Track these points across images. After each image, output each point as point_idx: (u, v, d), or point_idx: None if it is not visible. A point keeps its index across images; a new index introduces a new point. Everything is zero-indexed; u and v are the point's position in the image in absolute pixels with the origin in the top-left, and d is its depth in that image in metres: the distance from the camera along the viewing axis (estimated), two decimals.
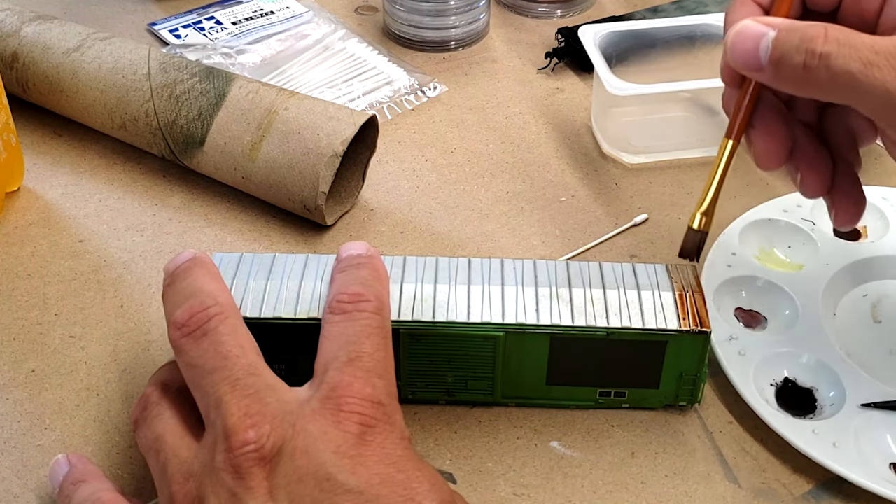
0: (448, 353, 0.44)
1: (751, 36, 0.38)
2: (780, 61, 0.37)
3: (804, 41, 0.36)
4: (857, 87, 0.36)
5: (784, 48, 0.37)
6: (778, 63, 0.37)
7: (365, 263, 0.42)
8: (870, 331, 0.50)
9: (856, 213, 0.43)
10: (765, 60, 0.38)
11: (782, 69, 0.37)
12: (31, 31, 0.62)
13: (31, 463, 0.44)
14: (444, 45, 0.73)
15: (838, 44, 0.36)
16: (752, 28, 0.38)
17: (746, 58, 0.38)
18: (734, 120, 0.42)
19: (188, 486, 0.35)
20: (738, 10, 0.42)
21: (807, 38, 0.36)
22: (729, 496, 0.43)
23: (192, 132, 0.56)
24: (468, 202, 0.59)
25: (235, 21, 0.75)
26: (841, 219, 0.43)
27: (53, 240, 0.56)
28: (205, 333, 0.37)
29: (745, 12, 0.41)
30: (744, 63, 0.38)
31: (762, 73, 0.38)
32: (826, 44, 0.36)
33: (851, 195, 0.43)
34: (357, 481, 0.34)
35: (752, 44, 0.38)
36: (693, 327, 0.43)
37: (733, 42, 0.39)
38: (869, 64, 0.35)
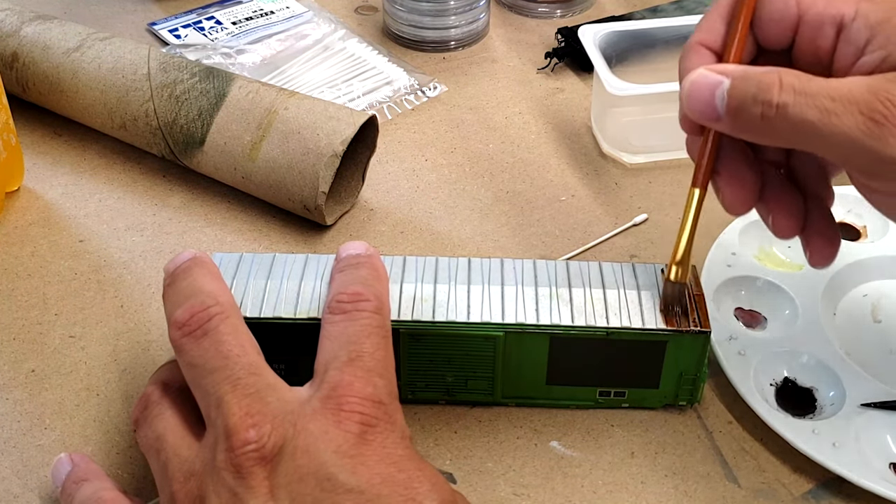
0: (448, 353, 0.44)
1: (705, 86, 0.37)
2: (737, 112, 0.36)
3: (760, 91, 0.35)
4: (817, 135, 0.35)
5: (740, 98, 0.36)
6: (735, 114, 0.36)
7: (364, 263, 0.42)
8: (870, 331, 0.50)
9: (831, 251, 0.42)
10: (722, 111, 0.37)
11: (740, 120, 0.36)
12: (31, 31, 0.62)
13: (31, 463, 0.44)
14: (444, 45, 0.73)
15: (794, 92, 0.35)
16: (705, 78, 0.37)
17: (703, 109, 0.37)
18: (698, 168, 0.41)
19: (189, 485, 0.35)
20: (691, 58, 0.40)
21: (762, 87, 0.35)
22: (729, 496, 0.43)
23: (192, 132, 0.56)
24: (468, 202, 0.59)
25: (235, 21, 0.75)
26: (816, 258, 0.42)
27: (53, 240, 0.56)
28: (205, 333, 0.37)
29: (698, 60, 0.40)
30: (701, 114, 0.38)
31: (720, 123, 0.37)
32: (782, 93, 0.35)
33: (825, 234, 0.42)
34: (358, 481, 0.34)
35: (708, 94, 0.37)
36: (693, 327, 0.43)
37: (689, 93, 0.38)
38: (827, 112, 0.34)
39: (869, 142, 0.34)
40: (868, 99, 0.34)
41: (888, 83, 0.34)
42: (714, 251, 0.52)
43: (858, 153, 0.35)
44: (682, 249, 0.42)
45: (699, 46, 0.40)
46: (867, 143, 0.34)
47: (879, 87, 0.34)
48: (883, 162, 0.34)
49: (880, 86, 0.34)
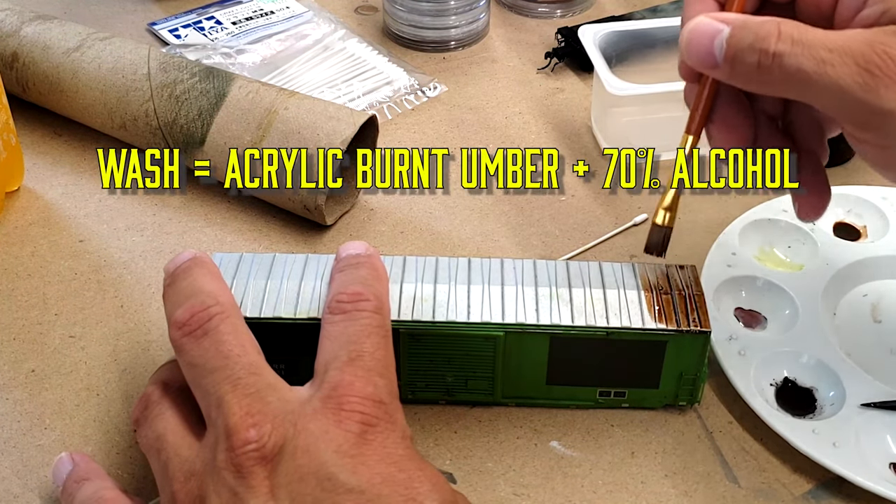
0: (448, 353, 0.44)
1: (705, 33, 0.37)
2: (734, 59, 0.37)
3: (758, 40, 0.36)
4: (811, 85, 0.35)
5: (738, 46, 0.36)
6: (733, 61, 0.37)
7: (364, 263, 0.42)
8: (870, 331, 0.50)
9: (819, 205, 0.42)
10: (720, 58, 0.37)
11: (737, 67, 0.37)
12: (31, 31, 0.62)
13: (31, 463, 0.44)
14: (444, 45, 0.73)
15: (792, 42, 0.35)
16: (706, 25, 0.38)
17: (701, 55, 0.38)
18: (693, 115, 0.41)
19: (190, 485, 0.35)
20: (693, 5, 0.41)
21: (760, 36, 0.36)
22: (729, 496, 0.43)
23: (192, 132, 0.56)
24: (468, 202, 0.59)
25: (235, 21, 0.75)
26: (804, 211, 0.42)
27: (53, 240, 0.56)
28: (206, 333, 0.37)
29: (700, 8, 0.40)
30: (699, 60, 0.38)
31: (718, 71, 0.38)
32: (779, 42, 0.35)
33: (815, 187, 0.42)
34: (358, 480, 0.34)
35: (707, 41, 0.37)
36: (693, 327, 0.43)
37: (688, 39, 0.38)
38: (822, 62, 0.35)
39: (862, 93, 0.34)
40: (864, 50, 0.34)
41: (885, 36, 0.35)
42: (714, 251, 0.52)
43: (851, 104, 0.35)
44: (670, 195, 0.43)
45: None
46: (860, 95, 0.35)
47: (876, 40, 0.35)
48: (874, 113, 0.35)
49: (877, 38, 0.35)
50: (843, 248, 0.53)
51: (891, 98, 0.34)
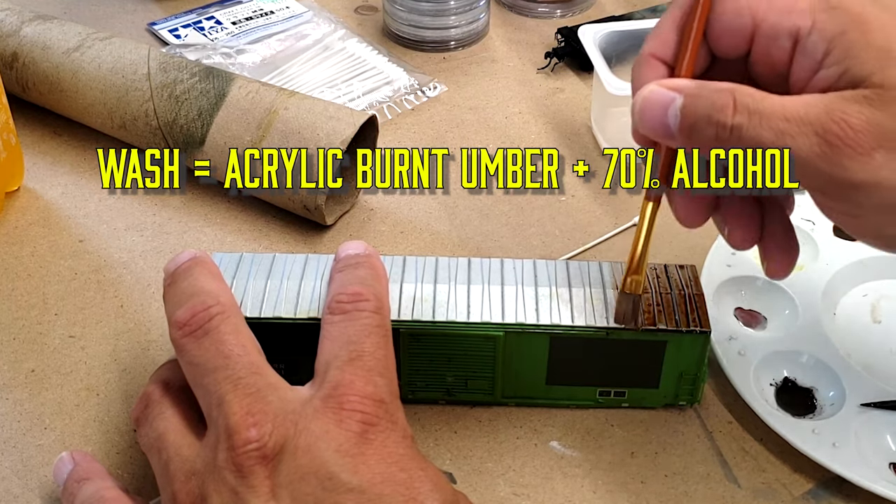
0: (448, 353, 0.44)
1: (657, 103, 0.36)
2: (690, 132, 0.36)
3: (714, 111, 0.35)
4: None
5: (693, 118, 0.35)
6: (689, 133, 0.36)
7: (363, 263, 0.42)
8: (870, 331, 0.50)
9: (789, 262, 0.40)
10: (675, 128, 0.36)
11: (694, 139, 0.36)
12: (31, 31, 0.62)
13: (31, 463, 0.44)
14: (444, 45, 0.73)
15: (748, 113, 0.34)
16: (658, 94, 0.36)
17: (655, 125, 0.36)
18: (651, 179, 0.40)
19: (190, 484, 0.35)
20: (643, 71, 0.39)
21: (716, 107, 0.35)
22: (729, 496, 0.43)
23: (191, 132, 0.56)
24: (468, 202, 0.59)
25: (235, 21, 0.75)
26: (773, 269, 0.40)
27: (53, 240, 0.56)
28: (206, 332, 0.37)
29: (650, 74, 0.38)
30: (653, 130, 0.37)
31: (673, 141, 0.37)
32: (736, 115, 0.34)
33: (783, 244, 0.40)
34: (359, 480, 0.34)
35: (660, 111, 0.36)
36: (693, 327, 0.43)
37: (641, 109, 0.37)
38: (781, 133, 0.33)
39: (824, 164, 0.33)
40: (823, 120, 0.33)
41: (843, 102, 0.33)
42: (714, 251, 0.52)
43: (814, 175, 0.34)
44: (636, 261, 0.41)
45: (651, 58, 0.39)
46: (822, 166, 0.33)
47: (834, 108, 0.33)
48: (839, 184, 0.34)
49: (835, 105, 0.33)
50: (843, 248, 0.53)
51: (854, 169, 0.33)
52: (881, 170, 0.33)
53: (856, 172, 0.33)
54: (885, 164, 0.33)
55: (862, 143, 0.33)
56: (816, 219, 0.54)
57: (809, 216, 0.54)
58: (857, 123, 0.33)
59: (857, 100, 0.33)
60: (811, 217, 0.54)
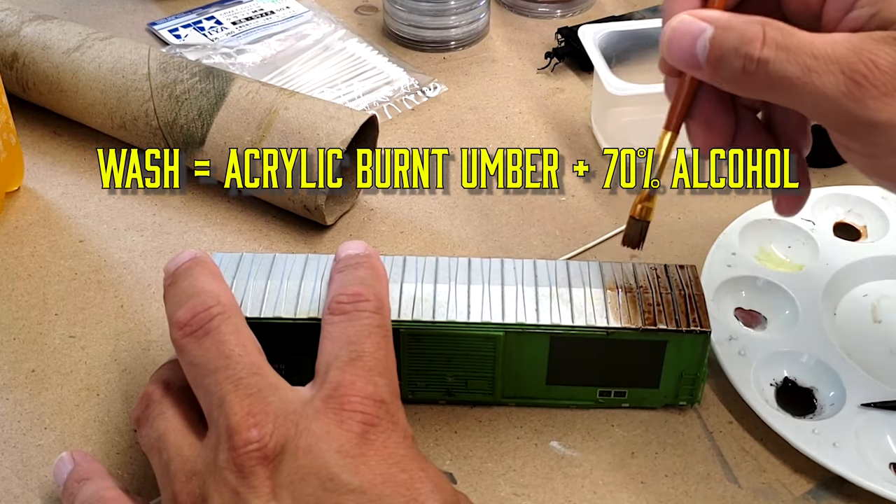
0: (448, 353, 0.44)
1: (688, 32, 0.36)
2: (718, 63, 0.36)
3: (743, 43, 0.35)
4: (797, 92, 0.34)
5: (722, 49, 0.35)
6: (716, 64, 0.36)
7: (363, 263, 0.42)
8: (870, 331, 0.50)
9: (799, 200, 0.41)
10: (702, 59, 0.36)
11: (721, 71, 0.36)
12: (31, 31, 0.62)
13: (31, 463, 0.44)
14: (444, 45, 0.73)
15: (777, 47, 0.34)
16: (688, 24, 0.36)
17: (683, 55, 0.36)
18: (673, 111, 0.40)
19: (191, 484, 0.35)
20: (675, 3, 0.39)
21: (745, 40, 0.35)
22: (729, 496, 0.43)
23: (191, 132, 0.56)
24: (468, 202, 0.59)
25: (235, 21, 0.75)
26: (783, 206, 0.41)
27: (53, 240, 0.56)
28: (207, 333, 0.37)
29: (682, 4, 0.39)
30: (681, 60, 0.37)
31: (700, 72, 0.37)
32: (764, 48, 0.34)
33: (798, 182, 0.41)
34: (360, 481, 0.34)
35: (689, 41, 0.36)
36: (693, 327, 0.43)
37: (670, 38, 0.37)
38: (808, 70, 0.34)
39: (848, 103, 0.34)
40: (850, 59, 0.34)
41: (872, 43, 0.34)
42: (714, 251, 0.52)
43: (837, 113, 0.34)
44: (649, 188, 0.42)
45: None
46: (846, 104, 0.34)
47: (863, 48, 0.34)
48: (860, 123, 0.34)
49: (864, 46, 0.34)
50: (843, 248, 0.53)
51: (877, 109, 0.34)
52: None
53: (879, 112, 0.34)
54: None
55: (888, 83, 0.33)
56: (816, 219, 0.54)
57: (809, 216, 0.54)
58: (884, 64, 0.33)
59: (887, 41, 0.34)
60: (811, 217, 0.54)
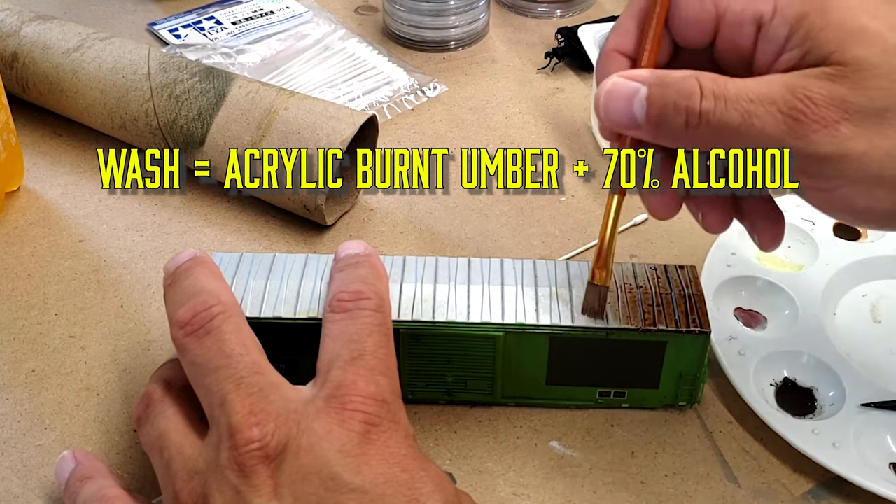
0: (448, 353, 0.44)
1: (623, 94, 0.36)
2: (658, 121, 0.35)
3: (681, 98, 0.35)
4: (740, 137, 0.34)
5: (660, 107, 0.35)
6: (657, 122, 0.36)
7: (363, 262, 0.42)
8: (870, 331, 0.50)
9: (778, 231, 0.40)
10: (641, 119, 0.36)
11: (662, 128, 0.36)
12: (31, 31, 0.62)
13: (31, 463, 0.44)
14: (444, 45, 0.73)
15: (714, 97, 0.34)
16: (622, 86, 0.36)
17: (621, 117, 0.36)
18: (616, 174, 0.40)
19: (192, 483, 0.35)
20: (606, 66, 0.39)
21: (683, 94, 0.35)
22: (729, 496, 0.43)
23: (191, 132, 0.56)
24: (468, 202, 0.59)
25: (235, 21, 0.75)
26: (765, 242, 0.40)
27: (53, 240, 0.56)
28: (208, 332, 0.37)
29: (613, 68, 0.38)
30: (619, 123, 0.36)
31: (640, 131, 0.36)
32: (703, 100, 0.34)
33: (766, 214, 0.40)
34: (361, 480, 0.34)
35: (625, 102, 0.36)
36: (693, 327, 0.43)
37: (606, 102, 0.36)
38: (748, 114, 0.34)
39: (791, 140, 0.34)
40: (786, 97, 0.34)
41: (805, 79, 0.34)
42: (714, 251, 0.52)
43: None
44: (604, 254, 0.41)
45: (614, 53, 0.39)
46: (789, 142, 0.34)
47: (797, 84, 0.34)
48: (808, 159, 0.34)
49: (797, 82, 0.34)
50: (843, 248, 0.53)
51: (820, 142, 0.34)
52: (847, 141, 0.34)
53: (823, 146, 0.34)
54: (851, 135, 0.34)
55: (826, 116, 0.34)
56: (816, 219, 0.54)
57: (809, 216, 0.54)
58: (819, 98, 0.34)
59: (818, 76, 0.34)
60: (811, 217, 0.54)
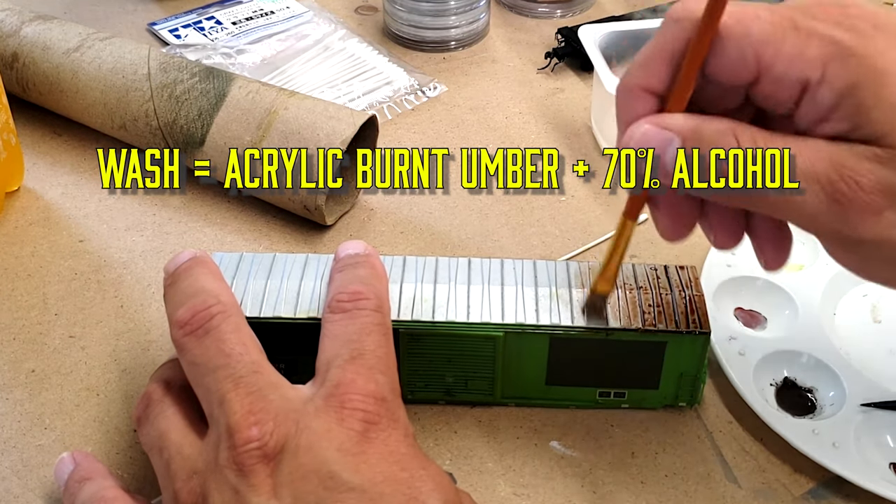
0: (448, 353, 0.44)
1: (654, 144, 0.34)
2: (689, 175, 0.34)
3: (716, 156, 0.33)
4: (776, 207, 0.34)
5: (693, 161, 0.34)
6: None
7: (363, 262, 0.42)
8: (870, 331, 0.50)
9: (783, 253, 0.39)
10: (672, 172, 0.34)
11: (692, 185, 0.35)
12: (31, 31, 0.62)
13: (31, 463, 0.44)
14: (444, 45, 0.73)
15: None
16: (654, 135, 0.34)
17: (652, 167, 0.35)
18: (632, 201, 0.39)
19: (192, 483, 0.35)
20: (631, 105, 0.36)
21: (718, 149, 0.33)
22: (729, 496, 0.43)
23: (191, 132, 0.56)
24: (468, 202, 0.59)
25: (235, 21, 0.75)
26: (770, 262, 0.39)
27: (53, 240, 0.56)
28: (207, 332, 0.37)
29: (638, 107, 0.36)
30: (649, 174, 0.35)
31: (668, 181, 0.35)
32: None
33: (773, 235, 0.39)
34: (360, 479, 0.34)
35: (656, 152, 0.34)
36: (693, 328, 0.43)
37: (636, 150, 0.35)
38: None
39: (833, 221, 0.33)
40: (831, 177, 0.32)
41: (853, 159, 0.32)
42: (714, 251, 0.52)
43: (820, 227, 0.34)
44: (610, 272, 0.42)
45: (639, 91, 0.36)
46: (831, 223, 0.33)
47: (844, 164, 0.32)
48: (847, 239, 0.33)
49: (844, 161, 0.32)
50: None
51: (862, 228, 0.33)
52: (891, 228, 0.33)
53: (864, 231, 0.33)
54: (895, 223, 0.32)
55: (871, 203, 0.32)
56: None
57: None
58: (866, 183, 0.32)
59: (868, 157, 0.32)
60: None
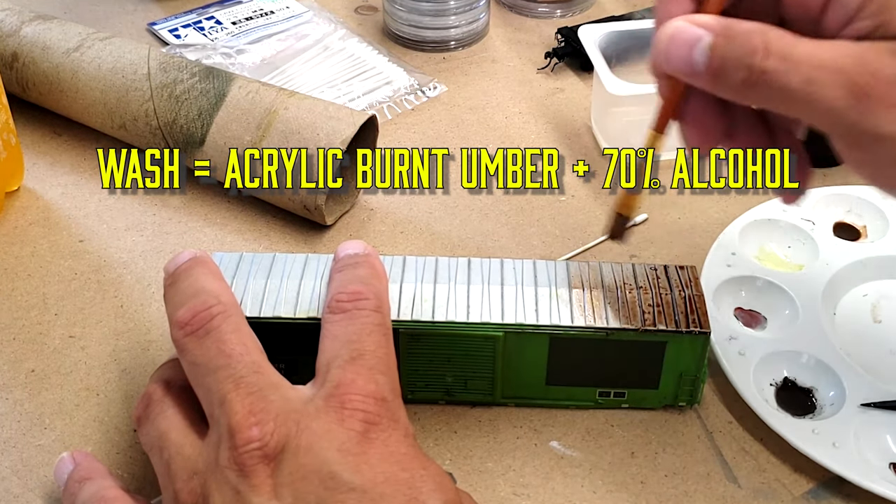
0: (448, 353, 0.44)
1: (685, 40, 0.35)
2: (718, 73, 0.35)
3: (745, 54, 0.34)
4: (798, 103, 0.34)
5: (723, 59, 0.34)
6: (717, 74, 0.35)
7: (363, 262, 0.42)
8: (870, 331, 0.50)
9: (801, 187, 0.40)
10: (701, 68, 0.35)
11: (721, 81, 0.35)
12: (31, 31, 0.62)
13: (31, 463, 0.44)
14: (443, 45, 0.73)
15: (779, 58, 0.33)
16: (685, 31, 0.35)
17: (680, 63, 0.35)
18: (662, 112, 0.39)
19: (192, 483, 0.35)
20: (668, 5, 0.38)
21: (747, 50, 0.34)
22: (729, 496, 0.43)
23: (191, 132, 0.56)
24: (468, 202, 0.59)
25: (235, 21, 0.75)
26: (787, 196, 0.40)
27: (53, 240, 0.56)
28: (208, 332, 0.37)
29: (674, 7, 0.37)
30: (677, 68, 0.35)
31: (698, 79, 0.35)
32: (767, 59, 0.34)
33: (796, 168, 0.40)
34: (361, 479, 0.34)
35: (686, 49, 0.35)
36: (693, 328, 0.43)
37: (667, 46, 0.35)
38: (811, 81, 0.33)
39: (851, 115, 0.33)
40: (854, 70, 0.33)
41: (876, 54, 0.33)
42: (714, 251, 0.52)
43: (839, 124, 0.34)
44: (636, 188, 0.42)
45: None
46: (850, 116, 0.33)
47: (867, 59, 0.33)
48: (863, 135, 0.34)
49: (868, 57, 0.33)
50: (843, 247, 0.53)
51: (881, 121, 0.33)
52: None
53: (883, 125, 0.33)
54: None
55: (892, 95, 0.33)
56: (816, 219, 0.54)
57: (809, 216, 0.54)
58: (889, 76, 0.33)
59: (892, 52, 0.33)
60: (811, 217, 0.54)
